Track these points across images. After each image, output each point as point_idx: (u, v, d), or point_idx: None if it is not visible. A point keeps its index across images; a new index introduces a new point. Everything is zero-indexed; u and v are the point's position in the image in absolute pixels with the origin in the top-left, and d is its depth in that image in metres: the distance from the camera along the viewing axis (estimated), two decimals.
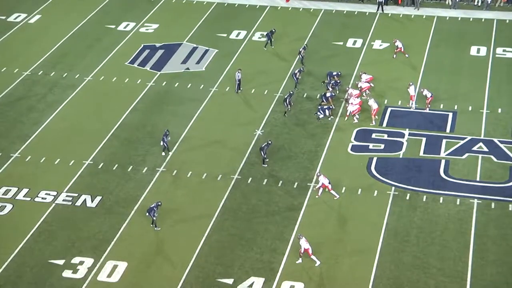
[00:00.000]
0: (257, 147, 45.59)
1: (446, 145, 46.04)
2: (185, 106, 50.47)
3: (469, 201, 41.48)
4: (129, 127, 48.36)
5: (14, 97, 51.76)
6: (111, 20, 62.68)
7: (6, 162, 45.05)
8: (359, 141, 46.57)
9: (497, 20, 61.86)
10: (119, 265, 37.48)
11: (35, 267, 37.47)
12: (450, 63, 55.64)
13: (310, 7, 64.54)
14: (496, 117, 48.74)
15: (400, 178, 43.22)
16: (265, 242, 38.76)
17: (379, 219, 40.17)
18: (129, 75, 54.38)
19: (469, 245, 38.45)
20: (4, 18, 63.07)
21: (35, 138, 47.47)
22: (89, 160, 45.24)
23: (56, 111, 50.24)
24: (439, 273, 36.70)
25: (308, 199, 41.76)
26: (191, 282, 36.42)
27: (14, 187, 42.98)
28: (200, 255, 37.98)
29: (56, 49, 58.04)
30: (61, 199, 42.02)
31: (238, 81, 51.22)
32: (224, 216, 40.57)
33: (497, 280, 36.36)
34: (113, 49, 57.99)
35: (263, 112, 49.54)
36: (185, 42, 59.04)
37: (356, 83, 51.14)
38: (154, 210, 39.11)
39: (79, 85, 53.18)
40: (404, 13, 63.43)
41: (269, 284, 36.25)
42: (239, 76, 51.18)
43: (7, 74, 54.53)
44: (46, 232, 39.72)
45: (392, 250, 38.15)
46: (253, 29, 60.89)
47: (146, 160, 45.15)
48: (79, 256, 38.06)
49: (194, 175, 43.81)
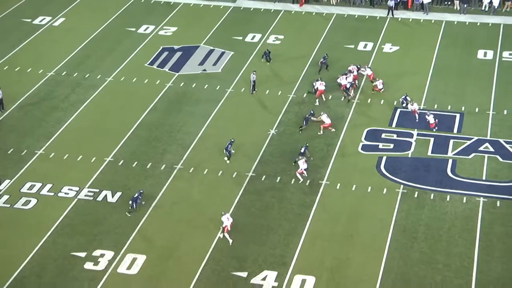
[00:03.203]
0: (270, 146, 45.64)
1: (453, 145, 45.90)
2: (202, 106, 50.55)
3: (475, 199, 41.35)
4: (149, 126, 48.49)
5: (39, 97, 52.01)
6: (132, 23, 62.84)
7: (31, 159, 45.29)
8: (369, 140, 46.50)
9: (503, 25, 61.59)
10: (138, 258, 37.60)
11: (58, 259, 37.65)
12: (457, 66, 55.45)
13: (323, 12, 64.45)
14: (502, 119, 48.56)
15: (409, 176, 43.13)
16: (278, 238, 38.78)
17: (388, 216, 40.12)
18: (148, 76, 54.51)
19: (475, 242, 38.33)
20: (30, 21, 63.36)
21: (58, 136, 47.69)
22: (110, 157, 45.40)
23: (78, 110, 50.45)
24: (446, 269, 36.62)
25: (319, 196, 41.74)
26: (207, 275, 36.49)
27: (38, 182, 43.19)
28: (216, 250, 38.05)
29: (79, 50, 58.25)
30: (83, 195, 42.20)
31: (253, 82, 51.24)
32: (239, 212, 40.62)
33: (502, 276, 36.24)
34: (133, 51, 58.14)
35: (277, 112, 49.54)
36: (202, 45, 59.12)
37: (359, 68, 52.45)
38: (139, 199, 40.20)
39: (100, 86, 53.38)
40: (413, 17, 63.24)
41: (281, 278, 36.28)
42: (254, 77, 51.20)
43: (32, 74, 54.79)
44: (68, 226, 39.91)
45: (400, 246, 38.08)
46: (267, 32, 60.87)
47: (164, 157, 45.26)
48: (100, 249, 38.21)
49: (210, 172, 43.87)
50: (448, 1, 64.75)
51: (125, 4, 66.17)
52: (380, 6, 64.77)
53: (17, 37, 60.32)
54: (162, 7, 65.71)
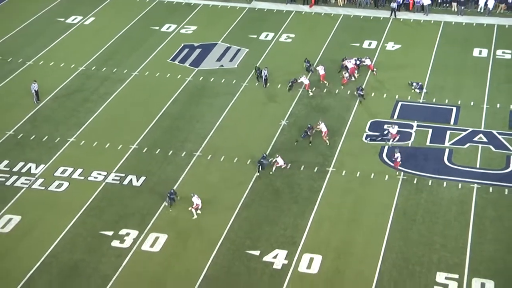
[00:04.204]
0: (282, 136, 45.54)
1: (450, 136, 45.63)
2: (219, 98, 50.46)
3: (470, 185, 41.13)
4: (170, 117, 48.48)
5: (71, 89, 52.10)
6: (155, 22, 62.74)
7: (63, 146, 45.42)
8: (373, 131, 46.29)
9: (497, 25, 61.07)
10: (160, 237, 37.68)
11: (87, 237, 37.80)
12: (454, 63, 55.04)
13: (331, 12, 64.11)
14: (495, 112, 48.21)
15: (409, 164, 42.91)
16: (288, 220, 38.74)
17: (389, 200, 39.97)
18: (170, 71, 54.46)
19: (469, 225, 38.16)
20: (63, 20, 63.41)
21: (88, 125, 47.78)
22: (135, 145, 45.45)
23: (107, 102, 50.50)
24: (442, 249, 36.49)
25: (326, 182, 41.62)
26: (223, 253, 36.53)
27: (70, 167, 43.33)
28: (231, 230, 38.06)
29: (107, 47, 58.27)
30: (111, 179, 42.29)
31: (265, 77, 51.08)
32: (252, 196, 40.58)
33: (493, 256, 36.10)
34: (157, 48, 58.07)
35: (288, 105, 49.38)
36: (220, 42, 58.97)
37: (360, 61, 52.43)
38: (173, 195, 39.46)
39: (127, 79, 53.38)
40: (414, 18, 62.79)
41: (291, 256, 36.27)
42: (265, 73, 51.04)
43: (65, 69, 54.88)
44: (97, 207, 40.03)
45: (400, 228, 37.96)
46: (280, 31, 60.64)
47: (184, 145, 45.25)
48: (126, 229, 38.32)
49: (226, 159, 43.83)
50: (446, 3, 64.27)
51: (149, 5, 66.06)
52: (383, 7, 64.39)
53: (51, 35, 60.39)
54: (183, 8, 65.56)
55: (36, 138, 46.22)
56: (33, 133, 46.75)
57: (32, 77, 51.85)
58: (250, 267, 35.65)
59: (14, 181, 42.09)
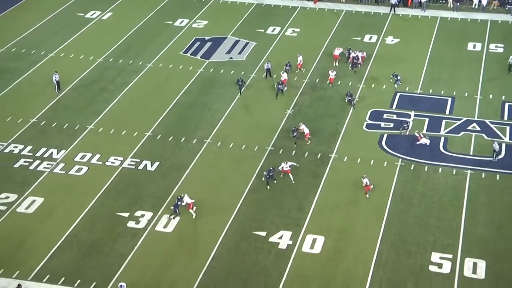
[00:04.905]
0: (288, 124, 45.47)
1: (445, 124, 45.46)
2: (229, 89, 50.36)
3: (463, 171, 41.00)
4: (183, 106, 48.44)
5: (90, 80, 52.09)
6: (169, 17, 62.59)
7: (82, 133, 45.48)
8: (373, 120, 46.15)
9: (490, 21, 60.68)
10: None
11: (105, 218, 37.92)
12: (450, 56, 54.72)
13: (334, 8, 63.79)
14: (488, 102, 47.96)
15: (406, 151, 42.81)
16: (293, 203, 38.74)
17: (388, 185, 39.91)
18: (183, 63, 54.36)
19: (462, 208, 38.10)
20: (83, 15, 63.34)
21: (106, 113, 47.80)
22: (150, 132, 45.47)
23: (123, 91, 50.49)
24: (437, 231, 36.46)
25: (329, 168, 41.57)
26: (231, 234, 36.59)
27: (89, 153, 43.41)
28: (239, 212, 38.11)
29: (124, 40, 58.18)
30: (127, 164, 42.35)
31: (267, 70, 50.79)
32: (259, 181, 40.57)
33: (485, 237, 36.07)
34: (170, 41, 57.95)
35: (293, 95, 49.26)
36: (229, 36, 58.79)
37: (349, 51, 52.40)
38: (178, 206, 37.34)
39: (142, 71, 53.33)
40: (412, 14, 62.44)
41: (295, 237, 36.31)
42: (268, 66, 50.81)
43: (84, 60, 54.85)
44: (114, 190, 40.12)
45: (398, 211, 37.93)
46: (286, 25, 60.40)
47: (196, 133, 45.24)
48: (141, 210, 38.42)
49: (235, 146, 43.82)
50: (442, 0, 63.94)
51: (163, 1, 65.83)
52: (383, 3, 64.03)
53: (71, 29, 60.32)
54: (195, 4, 65.32)
55: (57, 126, 46.29)
56: (54, 121, 46.82)
57: (54, 68, 51.84)
58: (257, 247, 35.71)
59: (37, 165, 42.22)
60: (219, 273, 34.22)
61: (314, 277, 33.87)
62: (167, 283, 33.76)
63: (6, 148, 43.79)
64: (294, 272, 34.14)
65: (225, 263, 34.82)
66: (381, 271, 34.09)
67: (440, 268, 34.22)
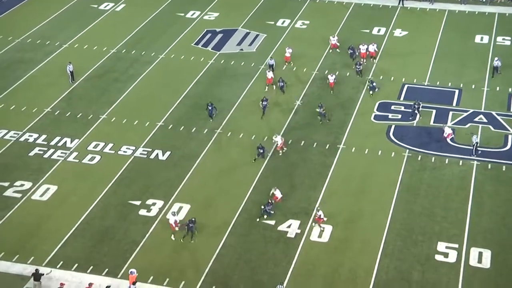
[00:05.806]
0: (296, 115, 45.33)
1: (452, 116, 45.17)
2: (239, 80, 50.24)
3: (470, 162, 40.76)
4: (194, 96, 48.36)
5: (103, 70, 52.09)
6: (181, 9, 62.43)
7: (96, 122, 45.52)
8: (381, 111, 45.92)
9: (498, 14, 60.22)
10: (184, 206, 37.77)
11: (118, 206, 37.98)
12: (458, 48, 54.35)
13: (343, 1, 63.43)
14: (494, 94, 47.62)
15: (413, 142, 42.59)
16: (301, 192, 38.65)
17: (395, 176, 39.73)
18: (194, 54, 54.25)
19: (468, 199, 37.89)
20: (97, 7, 63.28)
21: (119, 103, 47.80)
22: (161, 122, 45.44)
23: (135, 82, 50.46)
24: (443, 220, 36.29)
25: (337, 158, 41.43)
26: (241, 223, 36.56)
27: (102, 142, 43.45)
28: (248, 201, 38.06)
29: (136, 32, 58.11)
30: (139, 153, 42.37)
31: (270, 66, 50.12)
32: (269, 171, 40.48)
33: (490, 227, 35.88)
34: (182, 33, 57.83)
35: (302, 86, 49.07)
36: (240, 28, 58.60)
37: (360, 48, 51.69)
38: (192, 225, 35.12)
39: (154, 62, 53.26)
40: (420, 6, 61.99)
41: (304, 226, 36.23)
42: (271, 62, 50.40)
43: (98, 51, 54.85)
44: (126, 178, 40.16)
45: (405, 201, 37.77)
46: (295, 18, 60.12)
47: (206, 123, 45.16)
48: (152, 199, 38.45)
49: (245, 136, 43.72)
50: None
51: None
52: None
53: (85, 20, 60.30)
54: None
55: (71, 115, 46.34)
56: (68, 110, 46.87)
57: (68, 59, 51.85)
58: (265, 235, 35.66)
59: (51, 154, 42.31)
60: (229, 261, 34.21)
61: (322, 265, 33.80)
62: (177, 270, 33.78)
63: (21, 137, 43.90)
64: (302, 261, 34.09)
65: (234, 251, 34.79)
66: (387, 260, 33.97)
67: (446, 257, 34.07)
